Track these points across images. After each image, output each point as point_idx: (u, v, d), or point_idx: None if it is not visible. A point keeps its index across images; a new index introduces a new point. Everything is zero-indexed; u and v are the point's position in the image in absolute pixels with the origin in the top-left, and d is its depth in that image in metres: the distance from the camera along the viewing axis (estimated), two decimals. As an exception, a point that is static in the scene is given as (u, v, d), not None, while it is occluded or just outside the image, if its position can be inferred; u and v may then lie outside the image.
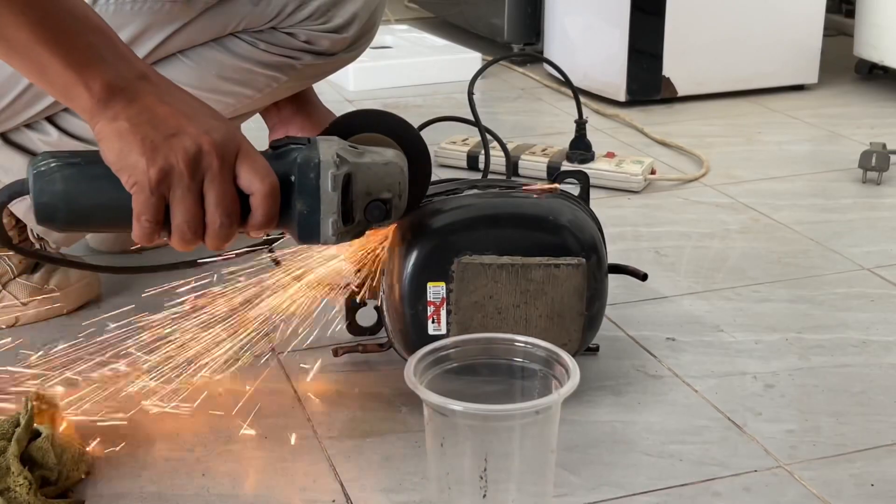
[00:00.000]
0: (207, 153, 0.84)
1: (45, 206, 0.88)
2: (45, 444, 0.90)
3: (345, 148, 0.92)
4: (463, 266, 0.98)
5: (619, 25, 2.19)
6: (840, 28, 2.74)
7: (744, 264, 1.40)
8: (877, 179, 1.71)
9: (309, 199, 0.90)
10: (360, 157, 0.92)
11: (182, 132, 0.84)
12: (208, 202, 0.86)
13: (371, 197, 0.92)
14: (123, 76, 0.85)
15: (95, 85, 0.83)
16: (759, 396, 1.08)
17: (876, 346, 1.18)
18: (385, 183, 0.93)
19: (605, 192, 1.67)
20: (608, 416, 1.04)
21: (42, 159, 0.88)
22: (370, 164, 0.92)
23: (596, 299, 1.02)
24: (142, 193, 0.84)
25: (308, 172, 0.89)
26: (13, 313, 1.22)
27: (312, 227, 0.91)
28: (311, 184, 0.89)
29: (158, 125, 0.83)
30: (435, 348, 0.85)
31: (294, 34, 1.16)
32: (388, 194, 0.93)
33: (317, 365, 1.13)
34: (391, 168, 0.93)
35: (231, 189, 0.86)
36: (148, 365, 1.07)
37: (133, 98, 0.84)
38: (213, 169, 0.85)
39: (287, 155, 0.90)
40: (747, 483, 0.94)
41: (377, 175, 0.92)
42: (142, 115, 0.84)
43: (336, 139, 0.93)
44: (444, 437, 0.79)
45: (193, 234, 0.86)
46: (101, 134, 0.84)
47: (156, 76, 0.88)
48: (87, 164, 0.88)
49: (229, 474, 0.95)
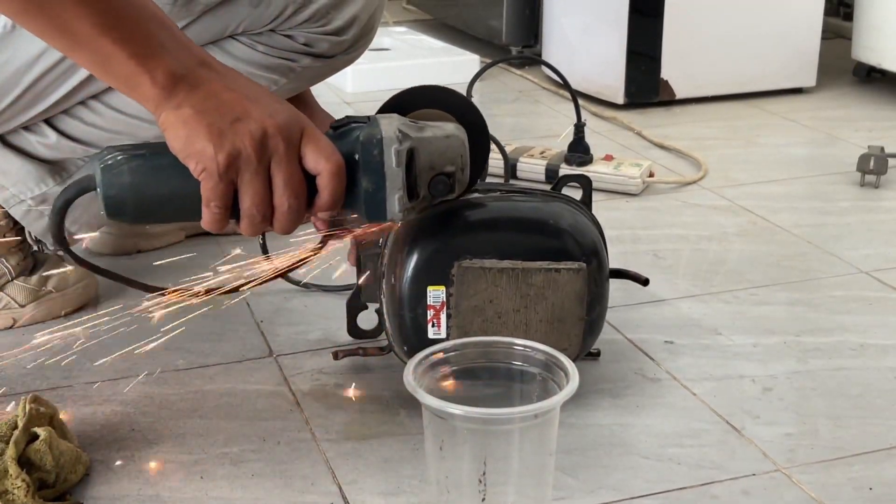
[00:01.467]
0: (273, 136, 0.84)
1: (114, 199, 0.88)
2: (43, 446, 0.90)
3: (406, 123, 0.92)
4: (463, 270, 0.98)
5: (617, 27, 2.19)
6: (838, 31, 2.74)
7: (742, 267, 1.40)
8: (875, 182, 1.71)
9: (374, 176, 0.90)
10: (422, 132, 0.92)
11: (247, 116, 0.84)
12: (276, 185, 0.86)
13: (435, 171, 0.92)
14: (185, 64, 0.85)
15: (158, 74, 0.84)
16: (757, 400, 1.08)
17: (874, 350, 1.18)
18: (447, 157, 0.93)
19: (603, 195, 1.67)
20: (607, 419, 1.04)
21: (108, 153, 0.88)
22: (432, 138, 0.92)
23: (596, 304, 1.02)
24: (210, 179, 0.84)
25: (371, 149, 0.89)
26: (11, 315, 1.22)
27: (379, 204, 0.91)
28: (376, 160, 0.89)
29: (223, 111, 0.84)
30: (433, 352, 0.85)
31: (293, 36, 1.16)
32: (452, 168, 0.93)
33: (315, 367, 1.13)
34: (453, 141, 0.93)
35: (298, 170, 0.86)
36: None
37: (196, 85, 0.84)
38: (280, 151, 0.85)
39: (349, 134, 0.90)
40: (745, 487, 0.94)
41: (439, 149, 0.92)
42: (206, 102, 0.84)
43: (396, 116, 0.93)
44: (443, 440, 0.79)
45: (262, 217, 0.87)
46: (167, 123, 0.84)
47: (216, 63, 0.88)
48: (153, 155, 0.88)
49: (227, 477, 0.94)
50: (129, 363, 1.14)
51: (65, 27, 0.83)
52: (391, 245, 1.02)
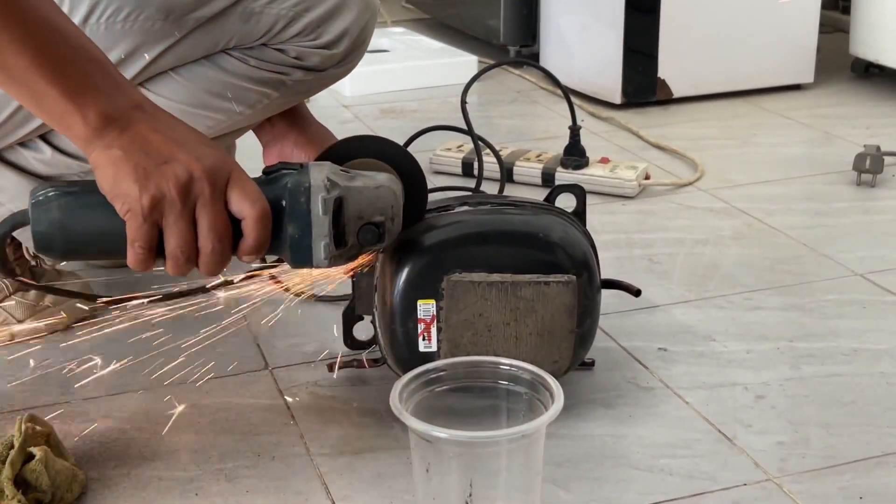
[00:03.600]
0: (198, 179, 0.85)
1: (43, 234, 0.89)
2: (39, 466, 0.91)
3: (336, 172, 0.92)
4: (453, 284, 0.99)
5: (613, 26, 2.19)
6: (837, 25, 2.74)
7: (736, 271, 1.41)
8: (871, 182, 1.71)
9: (300, 224, 0.90)
10: (352, 181, 0.93)
11: (173, 159, 0.85)
12: (201, 227, 0.87)
13: (363, 220, 0.93)
14: (117, 105, 0.86)
15: (90, 114, 0.85)
16: (749, 408, 1.08)
17: (867, 355, 1.18)
18: (377, 206, 0.93)
19: (599, 198, 1.68)
20: (599, 429, 1.05)
21: (41, 189, 0.90)
22: (361, 187, 0.93)
23: (587, 316, 1.02)
24: (135, 220, 0.85)
25: (299, 196, 0.90)
26: (8, 330, 1.23)
27: (304, 251, 0.91)
28: (302, 208, 0.90)
29: (151, 153, 0.85)
30: (420, 373, 0.86)
31: (284, 50, 1.17)
32: (381, 217, 0.93)
33: (310, 380, 1.14)
34: (382, 192, 0.93)
35: (223, 214, 0.87)
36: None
37: (126, 126, 0.85)
38: (205, 195, 0.86)
39: (279, 180, 0.91)
40: (736, 497, 0.94)
41: (368, 199, 0.93)
42: (135, 143, 0.85)
43: (328, 164, 0.94)
44: (430, 462, 0.80)
45: (187, 259, 0.87)
46: (96, 162, 0.85)
47: (149, 105, 0.89)
48: (83, 193, 0.89)
49: (222, 494, 0.95)
50: (126, 378, 1.15)
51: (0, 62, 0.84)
52: (382, 259, 1.03)
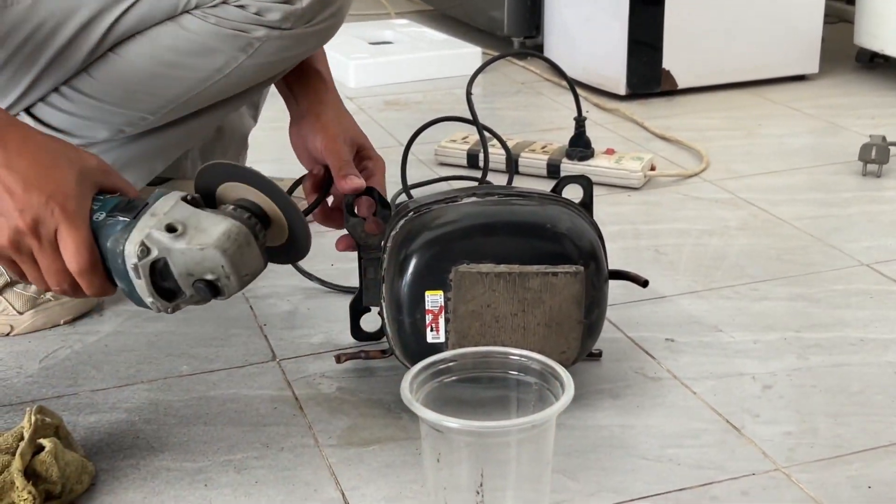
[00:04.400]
0: (25, 234, 0.90)
1: None
2: (49, 457, 0.91)
3: (160, 230, 0.90)
4: (460, 275, 0.99)
5: (618, 17, 2.19)
6: (841, 15, 2.73)
7: (743, 262, 1.41)
8: (877, 172, 1.71)
9: (124, 281, 0.92)
10: (175, 242, 0.90)
11: (3, 213, 0.90)
12: (42, 270, 0.92)
13: (194, 277, 0.92)
14: None
15: None
16: (757, 398, 1.08)
17: (874, 345, 1.18)
18: (205, 266, 0.91)
19: (604, 190, 1.68)
20: (607, 419, 1.05)
21: None
22: (184, 249, 0.90)
23: (595, 307, 1.02)
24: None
25: (116, 258, 0.91)
26: (8, 322, 1.23)
27: (140, 302, 0.94)
28: (121, 268, 0.92)
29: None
30: (430, 363, 0.86)
31: (244, 6, 1.15)
32: (212, 276, 0.92)
33: (318, 371, 1.14)
34: (208, 253, 0.91)
35: (55, 263, 0.91)
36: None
37: None
38: (35, 247, 0.91)
39: (110, 229, 0.92)
40: (745, 487, 0.94)
41: (193, 259, 0.91)
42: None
43: (167, 208, 0.92)
44: (441, 452, 0.80)
45: (48, 289, 0.94)
46: None
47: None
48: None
49: (231, 485, 0.95)
50: (134, 370, 1.15)
51: None
52: (390, 250, 1.03)
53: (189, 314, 1.28)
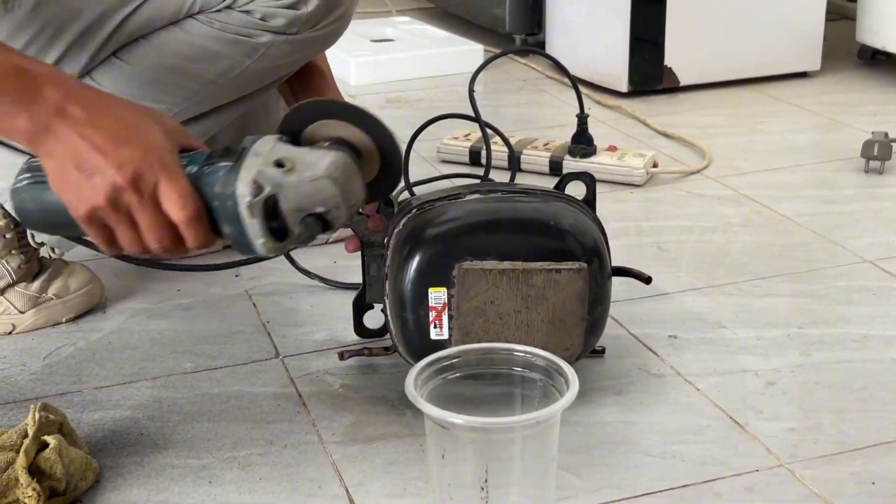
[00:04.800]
0: (125, 189, 0.87)
1: (24, 219, 0.96)
2: (53, 454, 0.91)
3: (269, 166, 0.89)
4: (464, 271, 0.99)
5: (620, 14, 2.19)
6: (843, 12, 2.73)
7: (745, 258, 1.41)
8: (879, 168, 1.71)
9: (233, 224, 0.90)
10: (286, 177, 0.89)
11: (98, 171, 0.86)
12: (140, 229, 0.89)
13: (304, 212, 0.90)
14: (39, 118, 0.87)
15: (19, 135, 0.88)
16: (760, 394, 1.08)
17: (877, 341, 1.18)
18: (315, 199, 0.90)
19: (607, 187, 1.67)
20: (610, 416, 1.05)
21: (20, 173, 0.94)
22: (296, 183, 0.89)
23: (598, 303, 1.02)
24: (83, 224, 0.89)
25: (226, 201, 0.89)
26: (10, 321, 1.23)
27: (246, 247, 0.91)
28: (232, 211, 0.89)
29: (80, 164, 0.86)
30: (434, 360, 0.86)
31: (250, 11, 1.15)
32: (322, 209, 0.91)
33: (322, 368, 1.14)
34: (319, 184, 0.90)
35: (156, 219, 0.88)
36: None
37: (57, 136, 0.87)
38: (134, 203, 0.87)
39: (211, 175, 0.90)
40: (748, 483, 0.94)
41: (305, 192, 0.90)
42: (65, 154, 0.87)
43: (267, 149, 0.91)
44: (445, 449, 0.80)
45: (141, 251, 0.91)
46: (44, 168, 0.89)
47: (73, 107, 0.88)
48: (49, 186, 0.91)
49: (235, 481, 0.96)
50: (138, 367, 1.16)
51: None
52: (393, 246, 1.03)
53: (192, 311, 1.28)
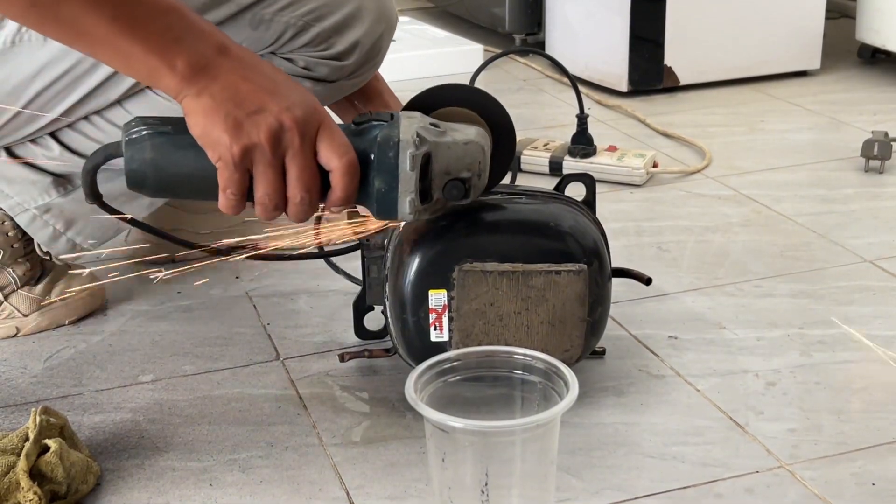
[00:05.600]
0: (289, 129, 0.86)
1: (135, 172, 0.90)
2: (54, 458, 0.91)
3: (426, 126, 0.92)
4: (464, 273, 0.99)
5: (620, 13, 2.18)
6: (843, 10, 2.73)
7: (746, 258, 1.41)
8: (879, 168, 1.71)
9: (387, 178, 0.91)
10: (441, 137, 0.92)
11: (264, 109, 0.86)
12: (289, 177, 0.88)
13: (450, 176, 0.93)
14: (203, 53, 0.86)
15: (178, 65, 0.85)
16: (760, 395, 1.08)
17: (877, 341, 1.18)
18: (464, 163, 0.93)
19: (607, 187, 1.67)
20: (611, 417, 1.05)
21: (134, 125, 0.90)
22: (451, 143, 0.92)
23: (598, 305, 1.02)
24: (226, 169, 0.87)
25: (387, 151, 0.90)
26: (14, 324, 1.23)
27: (390, 205, 0.92)
28: (390, 162, 0.90)
29: (241, 102, 0.86)
30: (434, 363, 0.86)
31: (293, 60, 1.16)
32: (468, 174, 0.93)
33: (322, 370, 1.14)
34: (471, 147, 0.93)
35: (311, 165, 0.88)
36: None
37: (215, 75, 0.86)
38: (294, 146, 0.87)
39: (368, 132, 0.91)
40: (749, 484, 0.94)
41: (457, 155, 0.92)
42: (224, 93, 0.86)
43: (418, 115, 0.93)
44: (446, 452, 0.80)
45: (275, 207, 0.89)
46: (187, 109, 0.87)
47: (235, 48, 0.89)
48: (176, 134, 0.90)
49: (235, 484, 0.96)
50: (138, 369, 1.16)
51: (82, 31, 0.85)
52: (393, 248, 1.03)
53: (192, 313, 1.28)
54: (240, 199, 0.89)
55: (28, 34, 1.08)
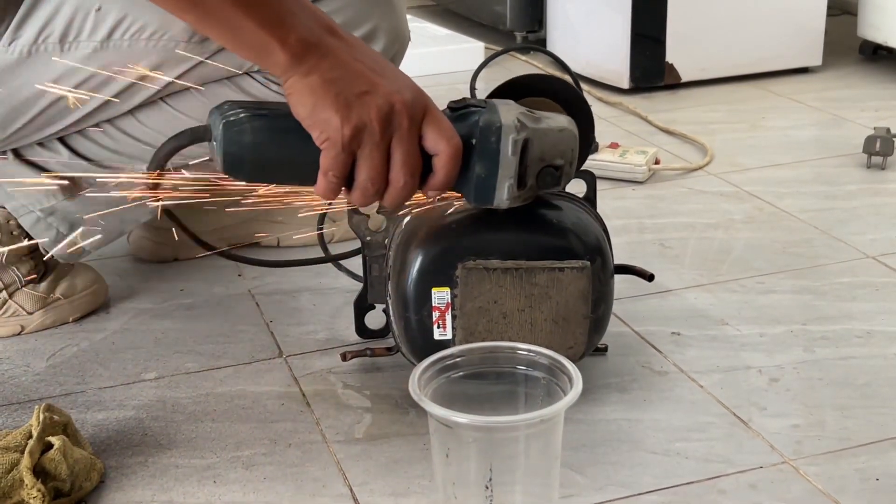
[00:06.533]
0: (399, 112, 0.85)
1: (233, 156, 0.89)
2: (58, 455, 0.92)
3: (523, 112, 0.93)
4: (467, 271, 0.99)
5: (621, 10, 2.18)
6: (844, 7, 2.73)
7: (748, 255, 1.41)
8: (881, 164, 1.71)
9: (488, 163, 0.91)
10: (538, 123, 0.93)
11: (375, 90, 0.85)
12: (394, 160, 0.87)
13: (544, 163, 0.93)
14: (314, 31, 0.85)
15: (290, 41, 0.84)
16: (764, 391, 1.08)
17: (880, 337, 1.18)
18: (559, 150, 0.94)
19: (609, 184, 1.67)
20: (614, 414, 1.05)
21: (230, 108, 0.89)
22: (546, 129, 0.93)
23: (601, 302, 1.02)
24: (333, 149, 0.85)
25: (490, 136, 0.90)
26: (19, 322, 1.23)
27: (488, 190, 0.92)
28: (492, 147, 0.91)
29: (352, 82, 0.85)
30: (438, 359, 0.86)
31: None
32: (561, 161, 0.94)
33: (325, 367, 1.14)
34: (565, 135, 0.94)
35: (417, 149, 0.88)
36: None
37: (325, 54, 0.85)
38: (403, 128, 0.86)
39: (468, 117, 0.91)
40: (752, 480, 0.94)
41: (552, 141, 0.93)
42: (334, 72, 0.85)
43: (513, 103, 0.94)
44: (449, 447, 0.80)
45: (376, 191, 0.88)
46: (293, 88, 0.85)
47: (341, 30, 0.88)
48: (275, 118, 0.89)
49: (239, 481, 0.96)
50: (141, 367, 1.16)
51: (195, 2, 0.84)
52: (395, 247, 1.03)
53: (195, 311, 1.28)
54: (340, 183, 0.87)
55: (45, 45, 1.08)
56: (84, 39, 1.08)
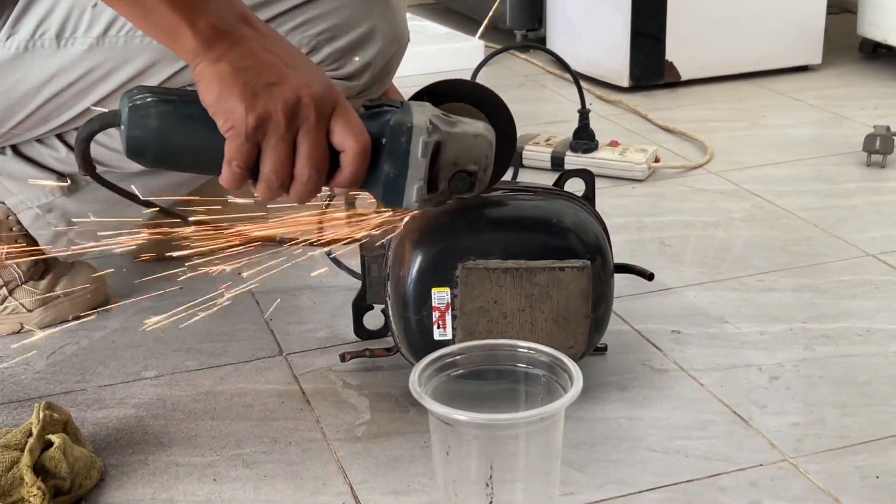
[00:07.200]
0: (306, 105, 0.85)
1: (137, 140, 0.88)
2: (58, 453, 0.92)
3: (438, 115, 0.92)
4: (467, 271, 0.99)
5: (620, 9, 2.18)
6: (844, 5, 2.73)
7: (748, 253, 1.41)
8: (881, 162, 1.71)
9: (397, 163, 0.90)
10: (452, 127, 0.92)
11: (283, 82, 0.84)
12: (300, 155, 0.86)
13: (457, 168, 0.92)
14: (227, 19, 0.85)
15: (201, 25, 0.83)
16: (764, 389, 1.08)
17: (880, 335, 1.18)
18: (472, 155, 0.93)
19: (609, 182, 1.67)
20: (614, 412, 1.05)
21: (138, 93, 0.88)
22: (461, 134, 0.92)
23: (602, 301, 1.02)
24: (236, 139, 0.84)
25: (400, 136, 0.89)
26: (18, 319, 1.23)
27: (397, 191, 0.91)
28: (402, 148, 0.90)
29: (261, 72, 0.84)
30: (438, 357, 0.86)
31: None
32: (475, 167, 0.93)
33: (325, 365, 1.14)
34: (480, 141, 0.93)
35: (324, 144, 0.87)
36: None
37: (236, 42, 0.84)
38: (310, 122, 0.85)
39: (380, 116, 0.90)
40: (753, 478, 0.94)
41: (466, 146, 0.92)
42: (244, 60, 0.84)
43: (429, 105, 0.93)
44: (450, 445, 0.80)
45: (280, 184, 0.87)
46: (201, 75, 0.84)
47: (258, 21, 0.88)
48: (182, 103, 0.88)
49: (240, 479, 0.96)
50: (141, 365, 1.16)
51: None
52: (395, 247, 1.03)
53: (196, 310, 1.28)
54: (244, 174, 0.86)
55: (42, 41, 1.08)
56: (80, 36, 1.08)
